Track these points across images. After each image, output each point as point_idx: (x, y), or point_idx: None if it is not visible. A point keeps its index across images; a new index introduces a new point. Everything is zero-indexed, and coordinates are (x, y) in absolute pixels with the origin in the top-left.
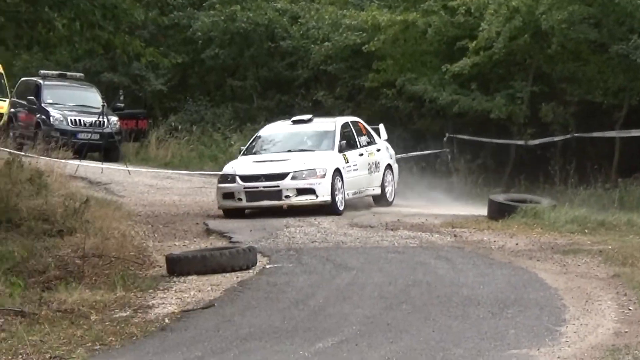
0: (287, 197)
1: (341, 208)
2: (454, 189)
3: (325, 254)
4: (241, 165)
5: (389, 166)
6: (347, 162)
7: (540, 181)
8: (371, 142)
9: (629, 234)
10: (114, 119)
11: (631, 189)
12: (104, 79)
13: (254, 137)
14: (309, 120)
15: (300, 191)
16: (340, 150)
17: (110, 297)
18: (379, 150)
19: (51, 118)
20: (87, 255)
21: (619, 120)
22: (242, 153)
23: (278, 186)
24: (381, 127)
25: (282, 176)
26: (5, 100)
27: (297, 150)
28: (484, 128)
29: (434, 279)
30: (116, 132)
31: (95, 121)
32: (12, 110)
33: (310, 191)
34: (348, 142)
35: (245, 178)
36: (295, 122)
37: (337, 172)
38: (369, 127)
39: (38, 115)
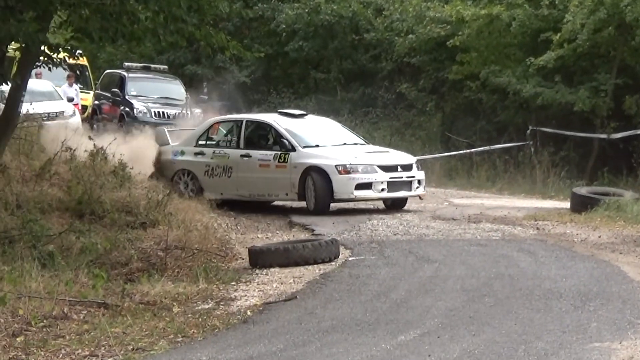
0: (417, 187)
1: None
2: (536, 182)
3: (407, 247)
4: (362, 155)
5: None
6: None
7: (623, 174)
8: None
9: None
10: (197, 111)
11: None
12: (187, 71)
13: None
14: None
15: (419, 182)
16: None
17: (193, 289)
18: None
19: (135, 110)
20: (170, 248)
21: None
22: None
23: (414, 176)
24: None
25: (409, 167)
26: (89, 93)
27: (342, 144)
28: (567, 121)
29: (516, 272)
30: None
31: (179, 113)
32: (96, 102)
33: (420, 183)
34: None
35: (385, 167)
36: (283, 114)
37: None
38: None
39: (122, 107)
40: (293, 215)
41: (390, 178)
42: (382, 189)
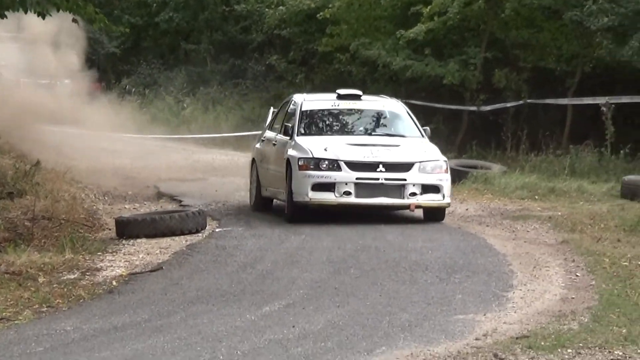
0: (413, 194)
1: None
2: None
3: (275, 219)
4: (336, 148)
5: None
6: None
7: (492, 147)
8: None
9: (579, 201)
10: (67, 81)
11: (582, 155)
12: None
13: (298, 112)
14: (359, 97)
15: (425, 188)
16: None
17: (59, 259)
18: None
19: None
20: (37, 218)
21: (572, 87)
22: (293, 133)
23: (405, 179)
24: None
25: (406, 166)
26: None
27: (386, 134)
28: (437, 94)
29: (383, 244)
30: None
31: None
32: None
33: (436, 189)
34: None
35: (354, 165)
36: (342, 97)
37: None
38: None
39: None
40: (161, 185)
41: (358, 179)
42: (346, 192)
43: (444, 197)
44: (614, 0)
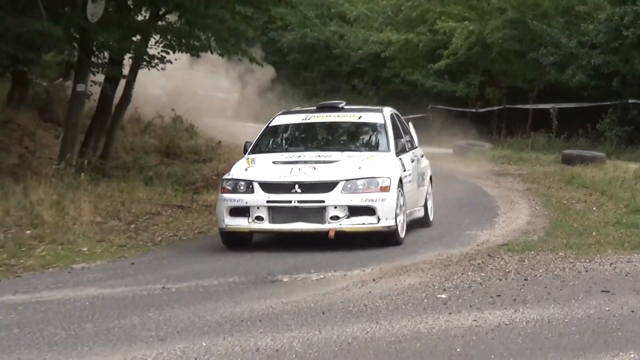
0: (335, 218)
1: (402, 235)
2: (433, 137)
3: None
4: (259, 168)
5: (430, 178)
6: (405, 169)
7: (484, 133)
8: (413, 143)
9: (536, 165)
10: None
11: (537, 138)
12: None
13: (264, 128)
14: (340, 108)
15: (354, 210)
16: (397, 153)
17: None
18: (422, 156)
19: None
20: (219, 174)
21: (532, 98)
22: (249, 150)
23: (323, 201)
24: (411, 126)
25: (327, 186)
26: None
27: (338, 149)
28: (451, 102)
29: None
30: None
31: None
32: None
33: (369, 211)
34: (399, 141)
35: (269, 186)
36: (322, 108)
37: (400, 183)
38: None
39: None
40: None
41: (270, 202)
42: (258, 217)
43: (379, 219)
44: (557, 46)
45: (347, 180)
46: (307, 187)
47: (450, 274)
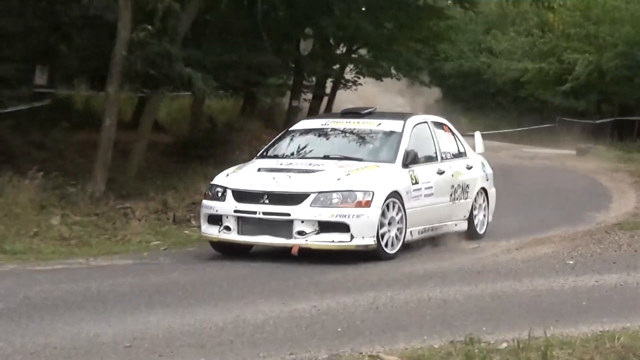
0: (301, 233)
1: (393, 251)
2: (559, 141)
3: None
4: (241, 174)
5: (482, 190)
6: (416, 182)
7: (600, 139)
8: (460, 154)
9: None
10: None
11: None
12: None
13: (283, 132)
14: (366, 114)
15: (325, 226)
16: (407, 164)
17: None
18: (470, 167)
19: None
20: None
21: (639, 112)
22: (258, 154)
23: (288, 214)
24: (477, 135)
25: (296, 198)
26: None
27: (337, 157)
28: (574, 115)
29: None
30: None
31: None
32: None
33: (342, 227)
34: (422, 151)
35: (240, 195)
36: (346, 114)
37: (396, 197)
38: (458, 134)
39: None
40: None
41: (237, 211)
42: (226, 227)
43: (352, 237)
44: None
45: (319, 192)
46: (275, 198)
47: (576, 245)
